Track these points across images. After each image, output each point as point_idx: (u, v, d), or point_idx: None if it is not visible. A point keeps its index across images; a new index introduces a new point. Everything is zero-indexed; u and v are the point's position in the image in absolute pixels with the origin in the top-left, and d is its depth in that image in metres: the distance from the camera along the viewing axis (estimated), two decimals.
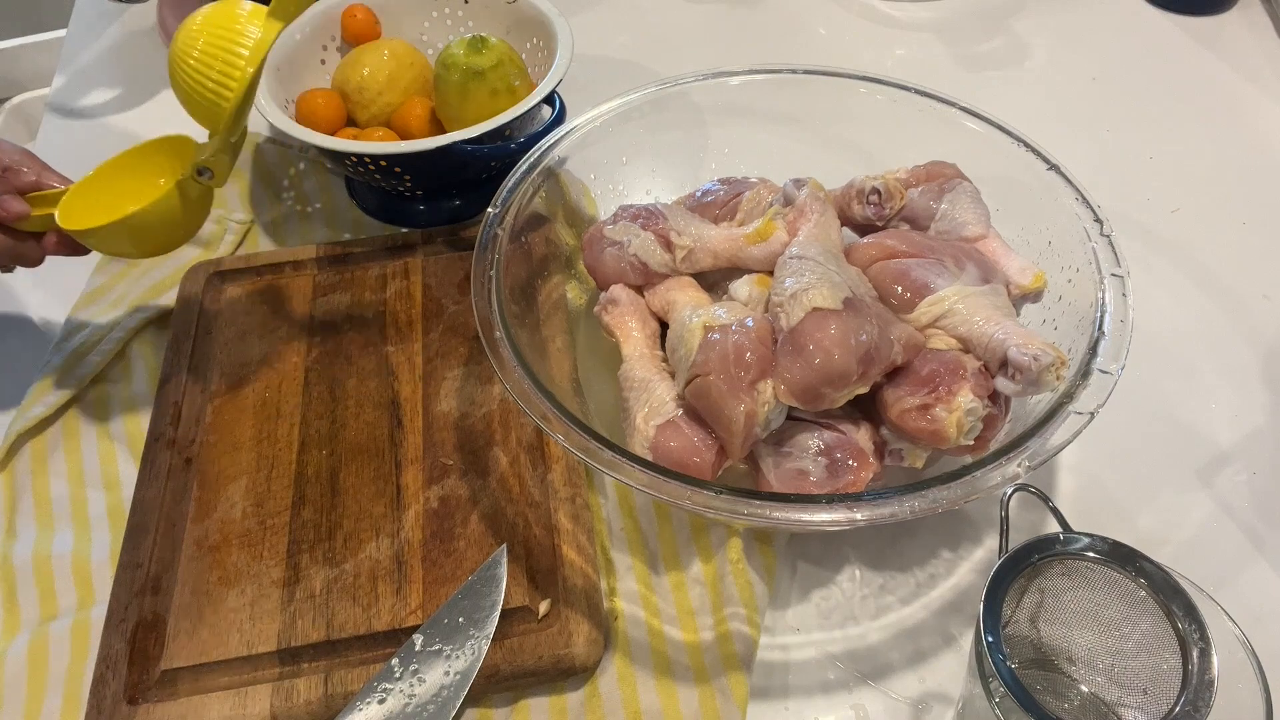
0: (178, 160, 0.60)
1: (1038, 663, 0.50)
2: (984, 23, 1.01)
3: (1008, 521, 0.49)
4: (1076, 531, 0.47)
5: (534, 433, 0.62)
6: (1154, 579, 0.44)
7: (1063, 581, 0.47)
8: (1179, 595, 0.43)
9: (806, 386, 0.50)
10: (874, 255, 0.58)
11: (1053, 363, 0.50)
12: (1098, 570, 0.45)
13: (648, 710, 0.52)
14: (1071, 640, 0.49)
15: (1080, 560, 0.45)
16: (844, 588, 0.58)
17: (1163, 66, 0.94)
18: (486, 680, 0.51)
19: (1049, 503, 0.50)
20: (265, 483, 0.60)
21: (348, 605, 0.55)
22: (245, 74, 0.55)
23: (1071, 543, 0.45)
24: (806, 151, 0.69)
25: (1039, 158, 0.62)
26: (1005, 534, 0.49)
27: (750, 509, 0.47)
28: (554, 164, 0.65)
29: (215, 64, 0.55)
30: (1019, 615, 0.48)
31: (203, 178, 0.58)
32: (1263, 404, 0.66)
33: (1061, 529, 0.48)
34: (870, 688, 0.54)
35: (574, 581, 0.55)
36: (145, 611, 0.55)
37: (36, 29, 1.45)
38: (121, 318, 0.71)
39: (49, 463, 0.64)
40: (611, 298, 0.61)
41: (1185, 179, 0.82)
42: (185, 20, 0.57)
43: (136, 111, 0.93)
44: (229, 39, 0.55)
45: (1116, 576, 0.45)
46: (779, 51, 0.97)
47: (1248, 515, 0.60)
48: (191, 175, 0.57)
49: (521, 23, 0.81)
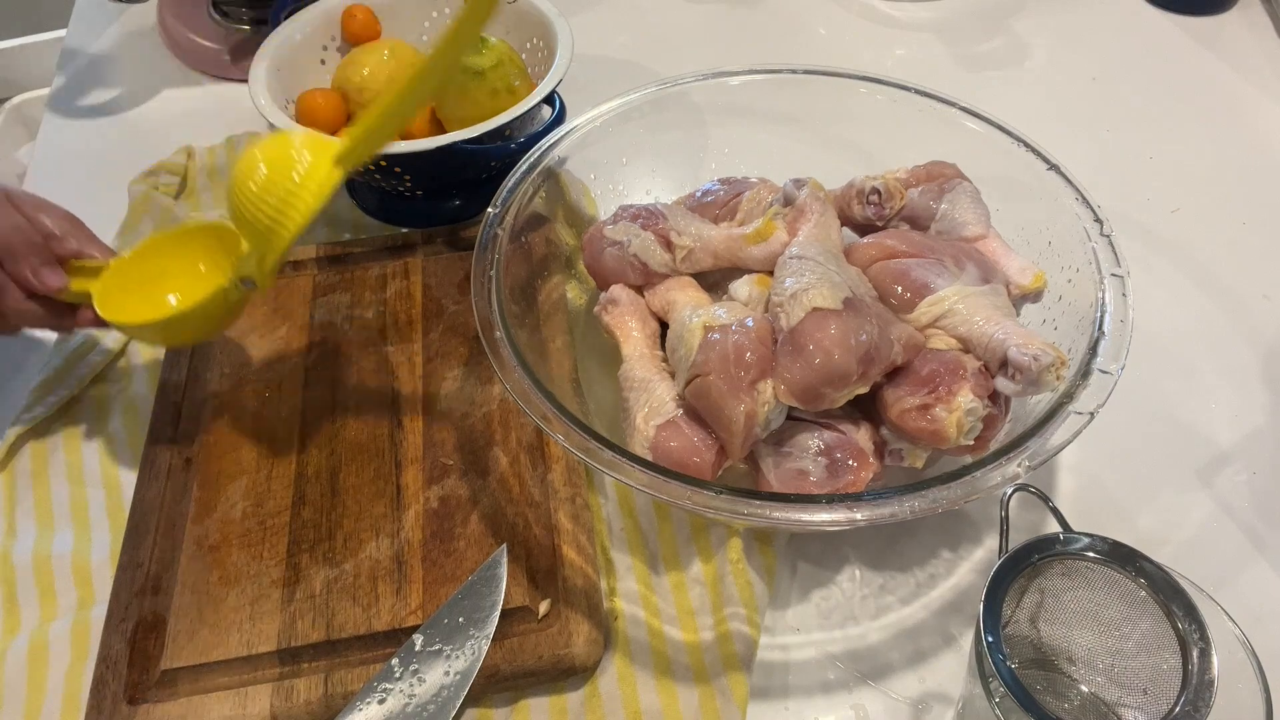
0: (220, 249, 0.59)
1: (1038, 663, 0.50)
2: (984, 23, 1.01)
3: (1008, 521, 0.49)
4: (1076, 531, 0.47)
5: (534, 433, 0.62)
6: (1154, 579, 0.44)
7: (1063, 581, 0.47)
8: (1179, 595, 0.43)
9: (806, 386, 0.50)
10: (874, 255, 0.58)
11: (1053, 363, 0.50)
12: (1098, 570, 0.46)
13: (648, 710, 0.52)
14: (1071, 640, 0.49)
15: (1080, 560, 0.45)
16: (844, 588, 0.58)
17: (1163, 66, 0.94)
18: (486, 680, 0.51)
19: (1049, 503, 0.50)
20: (265, 483, 0.60)
21: (348, 605, 0.55)
22: (305, 215, 0.52)
23: (1071, 543, 0.45)
24: (806, 151, 0.69)
25: (1039, 158, 0.62)
26: (1005, 534, 0.49)
27: (750, 509, 0.47)
28: (554, 164, 0.65)
29: (272, 199, 0.52)
30: (1019, 615, 0.48)
31: (245, 286, 0.57)
32: (1263, 404, 0.66)
33: (1061, 529, 0.48)
34: (870, 688, 0.54)
35: (574, 581, 0.55)
36: (145, 611, 0.54)
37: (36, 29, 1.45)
38: None
39: (49, 463, 0.64)
40: (611, 298, 0.61)
41: (1185, 179, 0.82)
42: (249, 145, 0.56)
43: (136, 111, 0.93)
44: (289, 177, 0.52)
45: (1116, 576, 0.45)
46: (779, 51, 0.97)
47: (1248, 515, 0.60)
48: (235, 283, 0.57)
49: (521, 23, 0.81)
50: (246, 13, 0.95)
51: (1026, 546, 0.45)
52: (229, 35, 0.96)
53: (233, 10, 0.95)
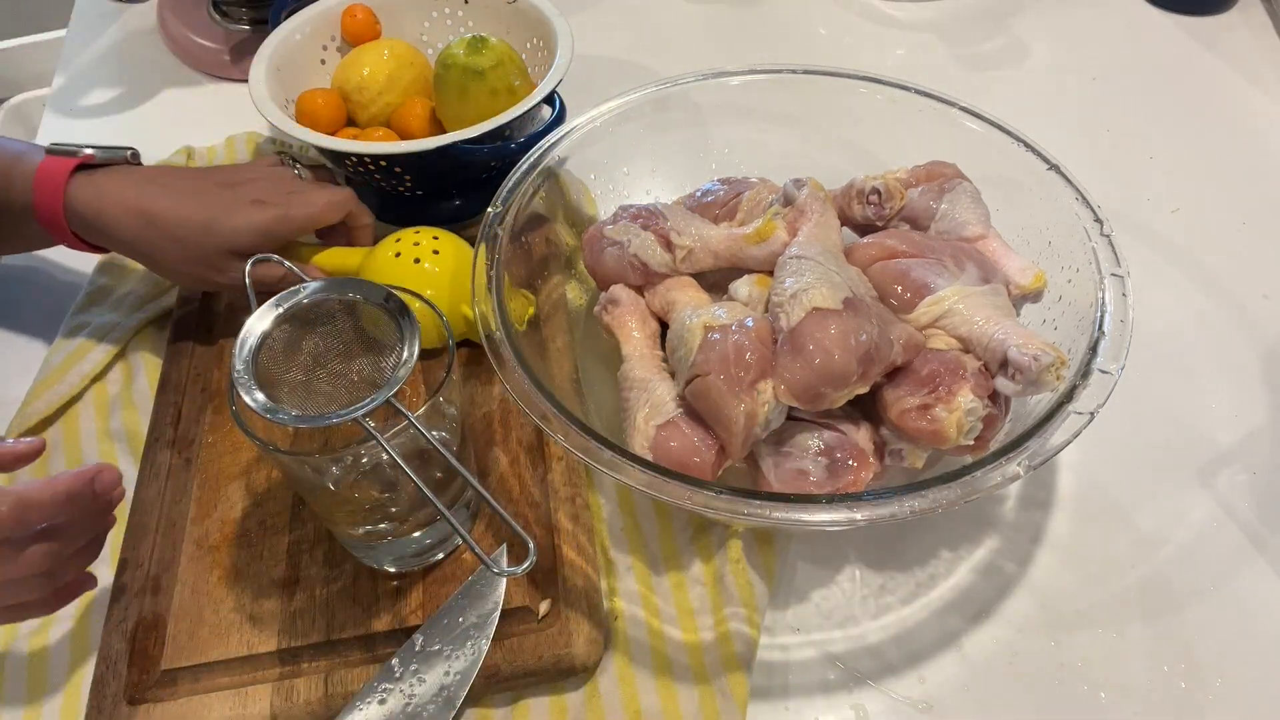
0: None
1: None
2: (984, 23, 1.01)
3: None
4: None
5: (534, 433, 0.62)
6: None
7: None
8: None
9: (806, 386, 0.50)
10: (874, 255, 0.58)
11: (1053, 363, 0.50)
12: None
13: (648, 710, 0.52)
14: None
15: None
16: (844, 588, 0.58)
17: (1163, 66, 0.94)
18: (486, 680, 0.51)
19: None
20: (265, 483, 0.60)
21: (348, 605, 0.55)
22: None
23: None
24: (806, 151, 0.69)
25: (1039, 158, 0.62)
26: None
27: (750, 509, 0.46)
28: (554, 164, 0.65)
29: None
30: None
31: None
32: (1263, 404, 0.66)
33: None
34: (870, 688, 0.54)
35: (574, 581, 0.55)
36: (145, 611, 0.55)
37: (36, 29, 1.45)
38: (121, 318, 0.71)
39: (49, 463, 0.64)
40: (611, 298, 0.61)
41: (1185, 179, 0.82)
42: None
43: (136, 111, 0.93)
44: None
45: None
46: (779, 51, 0.97)
47: (1248, 515, 0.60)
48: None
49: (521, 23, 0.81)
50: (246, 13, 0.95)
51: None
52: (229, 35, 0.96)
53: (233, 10, 0.95)
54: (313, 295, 0.49)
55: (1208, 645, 0.54)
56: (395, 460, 0.43)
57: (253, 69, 0.74)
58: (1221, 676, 0.53)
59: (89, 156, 0.62)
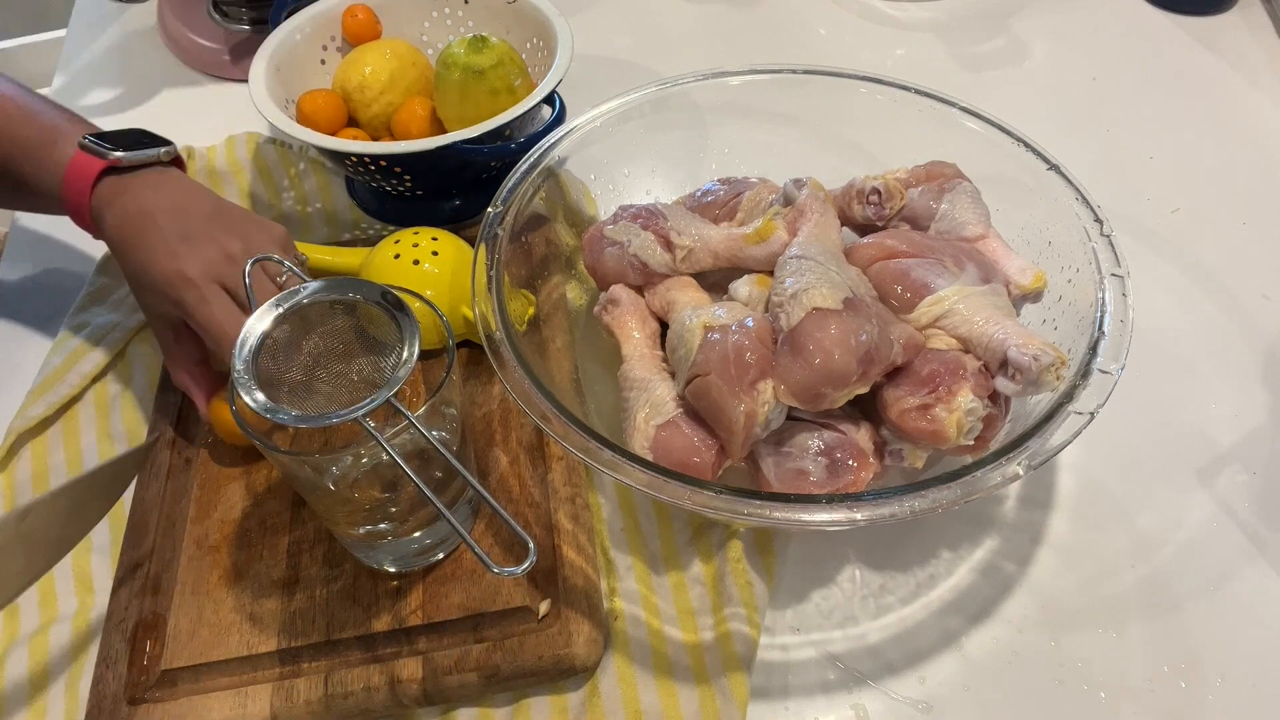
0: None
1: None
2: (984, 23, 1.01)
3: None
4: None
5: (534, 433, 0.62)
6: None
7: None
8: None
9: (806, 386, 0.50)
10: (874, 255, 0.58)
11: (1053, 363, 0.50)
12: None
13: (648, 710, 0.52)
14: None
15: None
16: (844, 588, 0.58)
17: (1163, 66, 0.94)
18: (486, 680, 0.51)
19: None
20: (265, 482, 0.60)
21: (348, 605, 0.55)
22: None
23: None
24: (806, 151, 0.69)
25: (1039, 158, 0.62)
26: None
27: (750, 509, 0.46)
28: (554, 164, 0.65)
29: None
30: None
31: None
32: (1263, 404, 0.66)
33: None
34: (870, 688, 0.54)
35: (574, 581, 0.55)
36: (145, 611, 0.55)
37: (36, 29, 1.45)
38: (121, 318, 0.71)
39: (49, 463, 0.64)
40: (611, 298, 0.61)
41: (1185, 179, 0.82)
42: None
43: (136, 111, 0.93)
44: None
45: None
46: (779, 51, 0.97)
47: (1248, 515, 0.60)
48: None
49: (521, 23, 0.81)
50: (246, 13, 0.95)
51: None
52: (229, 35, 0.96)
53: (233, 10, 0.95)
54: (313, 295, 0.49)
55: (1207, 645, 0.54)
56: (395, 460, 0.43)
57: (253, 69, 0.74)
58: (1221, 676, 0.53)
59: (117, 160, 0.60)
